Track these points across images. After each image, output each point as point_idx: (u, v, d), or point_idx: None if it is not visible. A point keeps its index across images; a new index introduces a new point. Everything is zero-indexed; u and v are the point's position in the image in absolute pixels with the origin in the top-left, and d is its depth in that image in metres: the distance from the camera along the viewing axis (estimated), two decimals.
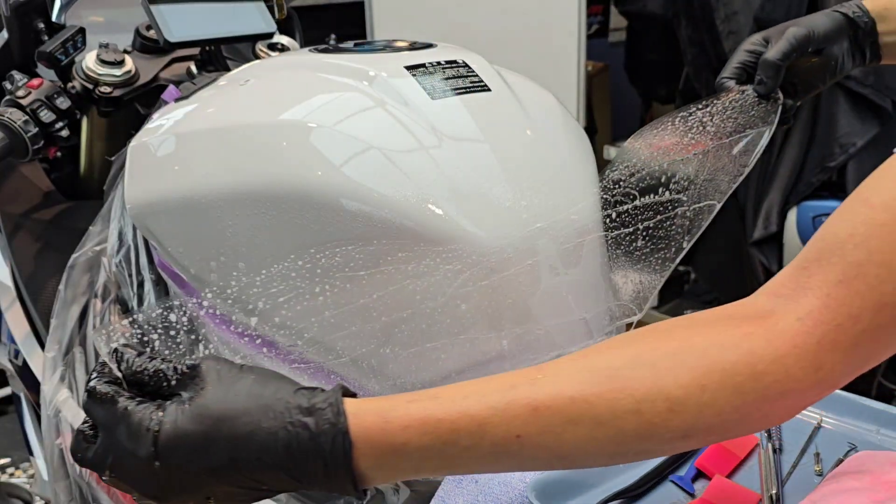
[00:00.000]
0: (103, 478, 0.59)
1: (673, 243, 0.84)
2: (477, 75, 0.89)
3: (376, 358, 0.81)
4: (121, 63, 1.10)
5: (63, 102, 1.06)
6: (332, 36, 1.19)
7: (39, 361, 1.15)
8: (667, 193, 0.84)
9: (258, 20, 1.17)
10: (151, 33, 1.16)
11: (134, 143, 0.93)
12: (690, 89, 2.84)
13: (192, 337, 0.94)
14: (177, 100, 0.94)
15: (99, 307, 1.01)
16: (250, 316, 0.86)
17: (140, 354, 0.60)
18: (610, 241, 0.86)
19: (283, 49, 1.28)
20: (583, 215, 0.86)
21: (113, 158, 1.03)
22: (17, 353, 1.20)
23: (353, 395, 0.58)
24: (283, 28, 1.30)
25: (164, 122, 0.91)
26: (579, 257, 0.85)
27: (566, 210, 0.85)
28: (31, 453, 1.35)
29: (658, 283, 0.85)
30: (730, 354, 0.56)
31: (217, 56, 1.18)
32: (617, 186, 0.88)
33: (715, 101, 0.88)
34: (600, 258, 0.88)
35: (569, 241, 0.84)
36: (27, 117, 1.03)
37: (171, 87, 1.06)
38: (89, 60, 1.09)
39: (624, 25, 3.28)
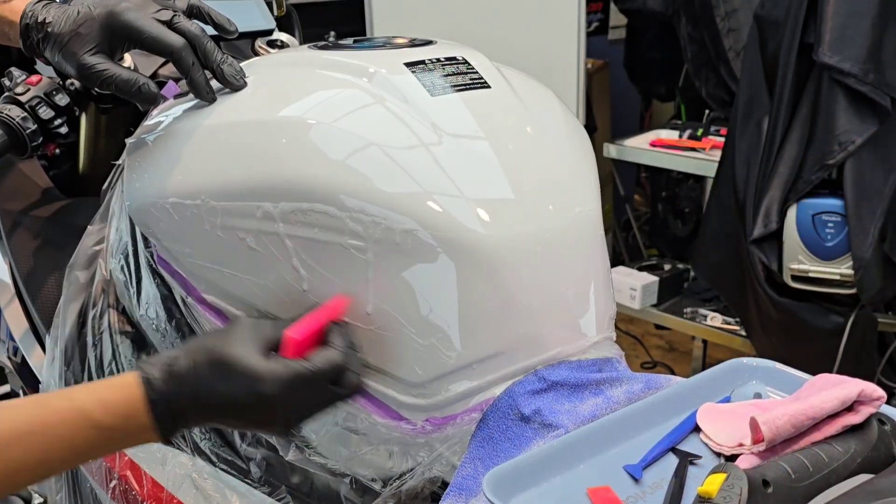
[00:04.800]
0: None
1: None
2: (477, 72, 0.89)
3: (375, 356, 0.81)
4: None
5: (62, 99, 1.06)
6: (332, 33, 1.19)
7: (38, 358, 1.15)
8: None
9: (257, 17, 1.17)
10: None
11: (132, 139, 0.93)
12: (690, 87, 2.84)
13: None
14: (176, 96, 0.94)
15: (98, 305, 1.01)
16: (247, 312, 0.86)
17: None
18: None
19: (282, 46, 1.27)
20: (583, 213, 0.86)
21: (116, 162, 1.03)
22: (15, 350, 1.20)
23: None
24: (283, 25, 1.30)
25: (163, 118, 0.91)
26: (579, 256, 0.85)
27: (566, 208, 0.85)
28: None
29: None
30: None
31: None
32: None
33: None
34: (600, 257, 0.88)
35: (569, 239, 0.84)
36: (26, 114, 1.03)
37: (171, 84, 1.05)
38: None
39: (624, 23, 3.28)
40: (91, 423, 0.69)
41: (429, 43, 0.94)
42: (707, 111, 2.74)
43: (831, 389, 0.73)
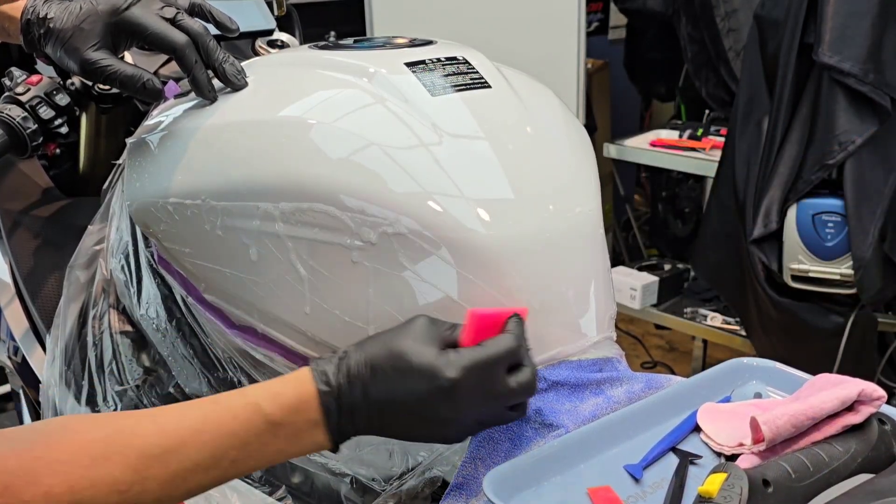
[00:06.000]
0: None
1: None
2: (477, 72, 0.89)
3: None
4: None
5: (62, 99, 1.06)
6: (332, 33, 1.19)
7: (39, 358, 1.15)
8: None
9: (258, 17, 1.17)
10: None
11: (133, 139, 0.93)
12: (690, 87, 2.84)
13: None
14: (176, 96, 0.94)
15: (98, 305, 1.01)
16: (247, 312, 0.86)
17: None
18: None
19: (282, 46, 1.27)
20: (583, 213, 0.86)
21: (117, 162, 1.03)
22: (16, 349, 1.20)
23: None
24: (283, 25, 1.30)
25: (164, 118, 0.91)
26: (579, 256, 0.85)
27: (566, 208, 0.84)
28: None
29: None
30: None
31: None
32: None
33: None
34: (601, 257, 0.88)
35: (569, 239, 0.84)
36: (26, 114, 1.03)
37: (171, 84, 1.05)
38: None
39: (624, 23, 3.28)
40: (262, 417, 0.66)
41: (429, 43, 0.94)
42: (707, 111, 2.74)
43: (831, 389, 0.73)
